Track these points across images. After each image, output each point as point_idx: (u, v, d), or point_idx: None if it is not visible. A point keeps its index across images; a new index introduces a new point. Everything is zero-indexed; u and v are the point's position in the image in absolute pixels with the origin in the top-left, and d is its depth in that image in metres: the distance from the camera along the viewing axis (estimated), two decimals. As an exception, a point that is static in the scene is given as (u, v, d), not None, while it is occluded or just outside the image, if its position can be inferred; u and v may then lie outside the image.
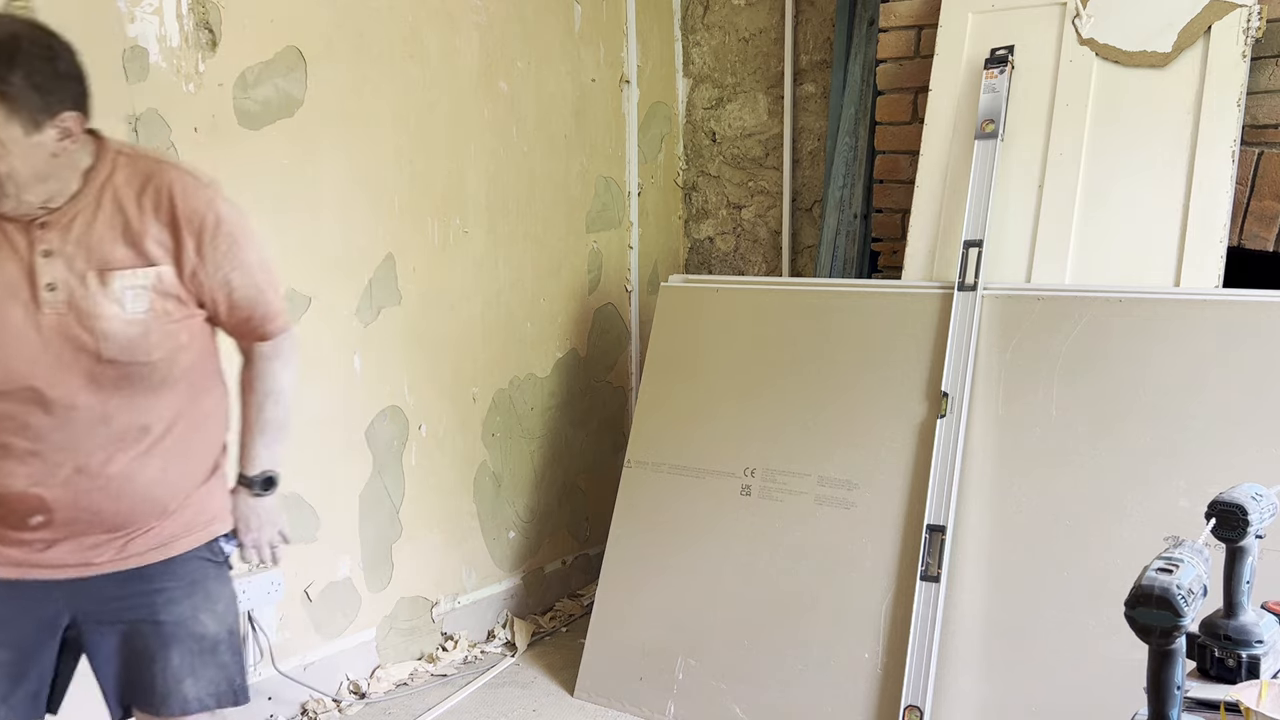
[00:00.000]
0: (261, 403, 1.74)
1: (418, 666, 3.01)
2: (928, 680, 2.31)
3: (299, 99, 2.60)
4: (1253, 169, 2.47)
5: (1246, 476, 1.66)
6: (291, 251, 2.62)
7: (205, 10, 2.40)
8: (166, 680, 1.61)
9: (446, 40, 2.97)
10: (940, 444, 2.44)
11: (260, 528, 1.78)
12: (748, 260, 3.79)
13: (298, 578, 2.71)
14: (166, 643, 1.61)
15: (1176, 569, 1.03)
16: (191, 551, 1.64)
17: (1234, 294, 2.28)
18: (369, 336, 2.83)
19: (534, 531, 3.44)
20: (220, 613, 1.68)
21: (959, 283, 2.53)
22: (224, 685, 1.66)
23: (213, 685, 1.64)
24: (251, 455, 1.76)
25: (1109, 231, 2.52)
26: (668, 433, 2.88)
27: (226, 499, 1.74)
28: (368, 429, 2.86)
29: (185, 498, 1.62)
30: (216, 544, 1.69)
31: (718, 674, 2.62)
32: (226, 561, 1.73)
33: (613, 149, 3.62)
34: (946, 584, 2.36)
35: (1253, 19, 2.39)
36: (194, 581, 1.64)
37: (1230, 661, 1.24)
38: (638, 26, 3.65)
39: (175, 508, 1.61)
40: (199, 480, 1.65)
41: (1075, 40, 2.61)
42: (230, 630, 1.70)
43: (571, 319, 3.52)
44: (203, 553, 1.66)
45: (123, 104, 2.27)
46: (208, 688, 1.64)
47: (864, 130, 3.21)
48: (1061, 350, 2.39)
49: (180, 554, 1.63)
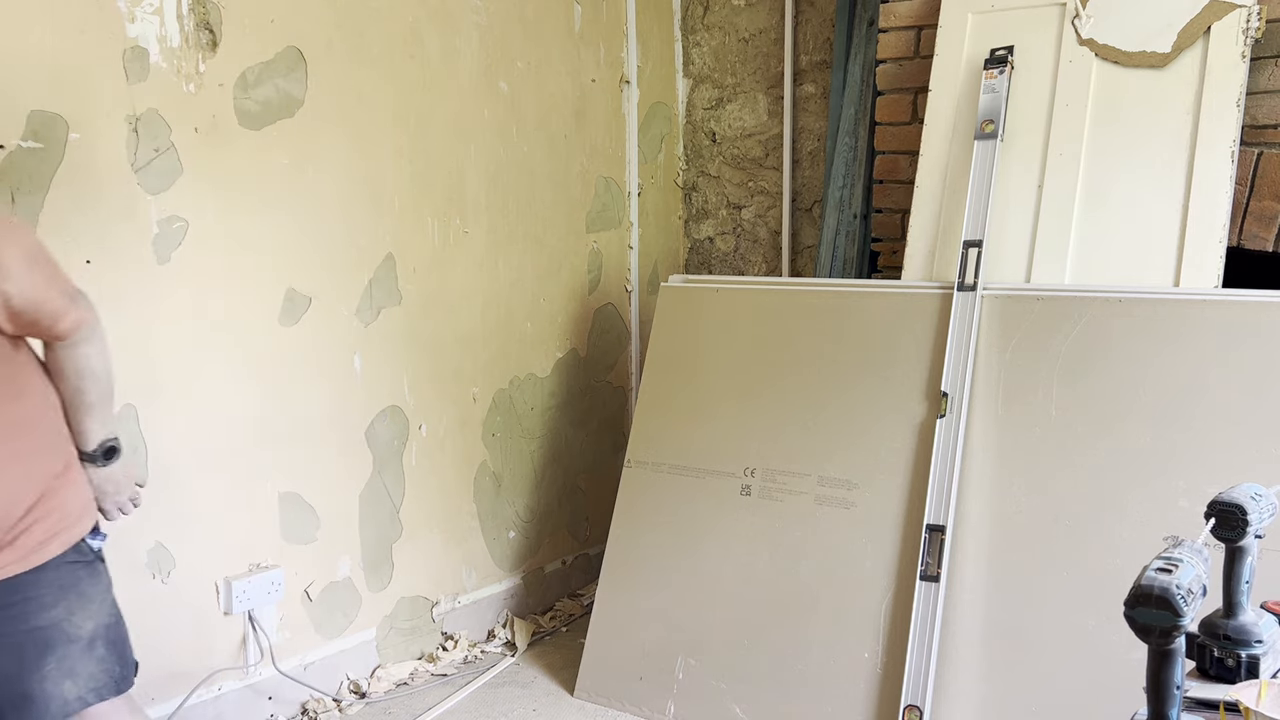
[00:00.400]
0: (78, 386, 1.72)
1: (418, 666, 3.01)
2: (927, 680, 2.32)
3: (299, 99, 2.60)
4: (1252, 169, 2.47)
5: (1246, 476, 1.66)
6: (291, 252, 2.63)
7: (205, 10, 2.40)
8: (45, 686, 1.63)
9: (446, 40, 2.97)
10: (940, 444, 2.44)
11: (118, 490, 1.81)
12: (748, 260, 3.79)
13: (298, 578, 2.72)
14: (42, 649, 1.62)
15: (1176, 569, 1.03)
16: (58, 557, 1.65)
17: (1234, 294, 2.29)
18: (369, 336, 2.83)
19: (534, 531, 3.44)
20: (95, 610, 1.70)
21: (959, 283, 2.54)
22: (104, 679, 1.70)
23: (93, 681, 1.68)
24: (83, 432, 1.75)
25: (1109, 231, 2.52)
26: (668, 433, 2.88)
27: (85, 496, 1.74)
28: (368, 429, 2.86)
29: (28, 509, 1.61)
30: (83, 544, 1.71)
31: (718, 674, 2.62)
32: (97, 556, 1.74)
33: (613, 149, 3.62)
34: (946, 584, 2.36)
35: (1252, 19, 2.39)
36: (64, 586, 1.66)
37: (1230, 661, 1.24)
38: (638, 27, 3.65)
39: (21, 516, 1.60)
40: (34, 488, 1.63)
41: (1075, 40, 2.61)
42: (107, 624, 1.72)
43: (571, 319, 3.52)
44: (70, 556, 1.67)
45: (123, 104, 2.28)
46: (88, 683, 1.67)
47: (864, 130, 3.22)
48: (1061, 350, 2.39)
49: (46, 561, 1.64)
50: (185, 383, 2.44)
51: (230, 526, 2.56)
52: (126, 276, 2.31)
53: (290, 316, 2.64)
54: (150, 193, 2.34)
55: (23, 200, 2.13)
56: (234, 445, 2.55)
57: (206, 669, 2.54)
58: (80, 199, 2.22)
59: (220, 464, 2.53)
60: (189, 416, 2.46)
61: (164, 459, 2.41)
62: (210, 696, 2.55)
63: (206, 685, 2.54)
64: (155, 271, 2.37)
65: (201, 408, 2.48)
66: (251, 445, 2.58)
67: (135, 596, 2.38)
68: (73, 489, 1.71)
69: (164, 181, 2.36)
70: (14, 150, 2.11)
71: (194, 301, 2.44)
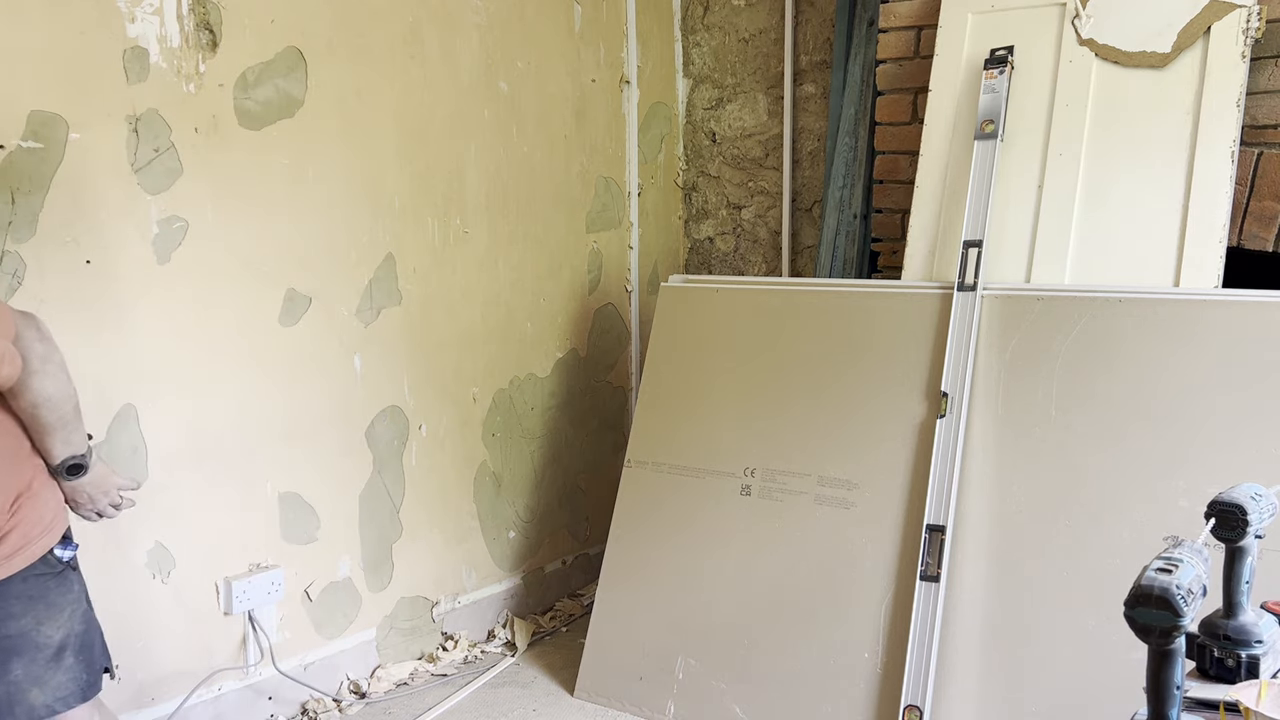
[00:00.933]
0: (33, 414, 1.72)
1: (418, 666, 3.02)
2: (927, 680, 2.32)
3: (299, 99, 2.60)
4: (1252, 169, 2.47)
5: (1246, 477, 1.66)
6: (292, 252, 2.63)
7: (206, 10, 2.40)
8: (11, 692, 1.65)
9: (446, 40, 2.97)
10: (940, 444, 2.44)
11: (90, 501, 1.85)
12: (748, 260, 3.79)
13: (298, 578, 2.72)
14: (8, 657, 1.64)
15: (1176, 569, 1.03)
16: (25, 569, 1.68)
17: (1234, 294, 2.29)
18: (369, 337, 2.83)
19: (534, 531, 3.44)
20: (64, 620, 1.72)
21: (959, 283, 2.54)
22: (71, 688, 1.72)
23: (61, 690, 1.71)
24: (46, 451, 1.77)
25: (1109, 231, 2.52)
26: (668, 433, 2.88)
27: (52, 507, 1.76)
28: (368, 429, 2.86)
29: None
30: (50, 555, 1.73)
31: (718, 674, 2.62)
32: (68, 565, 1.76)
33: (613, 149, 3.62)
34: (946, 584, 2.36)
35: (1252, 19, 2.39)
36: (32, 596, 1.68)
37: (1230, 661, 1.24)
38: (638, 27, 3.65)
39: None
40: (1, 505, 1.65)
41: (1075, 40, 2.61)
42: (75, 633, 1.74)
43: (571, 319, 3.52)
44: (38, 568, 1.70)
45: (123, 104, 2.28)
46: (56, 692, 1.70)
47: (864, 130, 3.22)
48: (1061, 350, 2.39)
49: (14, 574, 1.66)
50: (185, 383, 2.44)
51: (230, 526, 2.56)
52: (126, 276, 2.31)
53: (290, 316, 2.64)
54: (150, 193, 2.34)
55: (22, 200, 2.13)
56: (234, 445, 2.55)
57: (206, 669, 2.54)
58: (80, 199, 2.22)
59: (220, 464, 2.53)
60: (189, 416, 2.46)
61: (164, 459, 2.41)
62: (210, 696, 2.55)
63: (206, 685, 2.54)
64: (155, 271, 2.37)
65: (201, 408, 2.48)
66: (251, 445, 2.59)
67: (135, 596, 2.39)
68: (38, 502, 1.73)
69: (164, 181, 2.36)
70: (14, 150, 2.11)
71: (194, 302, 2.44)
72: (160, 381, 2.39)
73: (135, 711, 2.41)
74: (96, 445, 2.06)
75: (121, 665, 2.36)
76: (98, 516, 1.89)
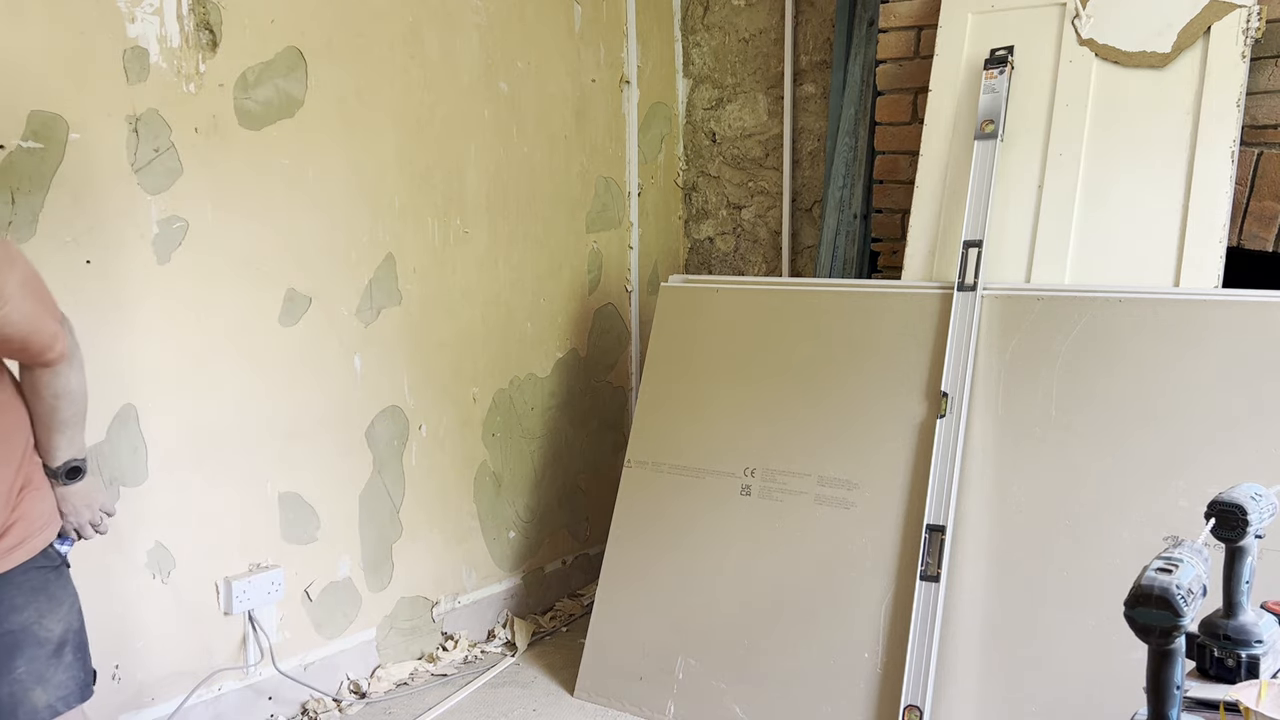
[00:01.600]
0: (53, 405, 1.72)
1: (418, 666, 3.02)
2: (927, 680, 2.32)
3: (299, 99, 2.60)
4: (1252, 169, 2.47)
5: (1246, 476, 1.66)
6: (292, 252, 2.63)
7: (206, 10, 2.40)
8: (14, 692, 1.64)
9: (446, 40, 2.97)
10: (940, 444, 2.44)
11: (76, 511, 1.82)
12: (748, 260, 3.79)
13: (298, 577, 2.72)
14: (11, 651, 1.64)
15: (1176, 569, 1.04)
16: (27, 562, 1.68)
17: (1234, 294, 2.28)
18: (369, 336, 2.83)
19: (534, 531, 3.44)
20: (64, 614, 1.72)
21: (959, 283, 2.54)
22: (71, 686, 1.71)
23: (62, 689, 1.69)
24: (50, 449, 1.76)
25: (1109, 231, 2.52)
26: (668, 433, 2.88)
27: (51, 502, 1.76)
28: (368, 429, 2.86)
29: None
30: (50, 549, 1.73)
31: (718, 674, 2.62)
32: (64, 561, 1.77)
33: (613, 149, 3.62)
34: (946, 584, 2.36)
35: (1252, 19, 2.39)
36: (34, 589, 1.68)
37: (1230, 661, 1.24)
38: (638, 27, 3.65)
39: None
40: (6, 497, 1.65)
41: (1075, 40, 2.61)
42: (74, 629, 1.74)
43: (571, 319, 3.52)
44: (38, 561, 1.70)
45: (123, 104, 2.28)
46: (57, 692, 1.68)
47: (864, 130, 3.22)
48: (1061, 350, 2.39)
49: (15, 567, 1.66)
50: (185, 383, 2.44)
51: (230, 526, 2.56)
52: (126, 276, 2.31)
53: (290, 317, 2.64)
54: (150, 193, 2.34)
55: (23, 200, 2.13)
56: (234, 445, 2.55)
57: (206, 669, 2.54)
58: (80, 199, 2.22)
59: (220, 464, 2.53)
60: (189, 416, 2.46)
61: (164, 459, 2.41)
62: (210, 696, 2.55)
63: (206, 685, 2.54)
64: (155, 271, 2.37)
65: (201, 408, 2.48)
66: (251, 445, 2.58)
67: (135, 596, 2.39)
68: (39, 496, 1.73)
69: (164, 181, 2.36)
70: (14, 150, 2.11)
71: (194, 301, 2.44)
72: (160, 381, 2.39)
73: (135, 711, 2.41)
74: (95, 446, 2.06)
75: (121, 665, 2.36)
76: (76, 535, 1.83)
